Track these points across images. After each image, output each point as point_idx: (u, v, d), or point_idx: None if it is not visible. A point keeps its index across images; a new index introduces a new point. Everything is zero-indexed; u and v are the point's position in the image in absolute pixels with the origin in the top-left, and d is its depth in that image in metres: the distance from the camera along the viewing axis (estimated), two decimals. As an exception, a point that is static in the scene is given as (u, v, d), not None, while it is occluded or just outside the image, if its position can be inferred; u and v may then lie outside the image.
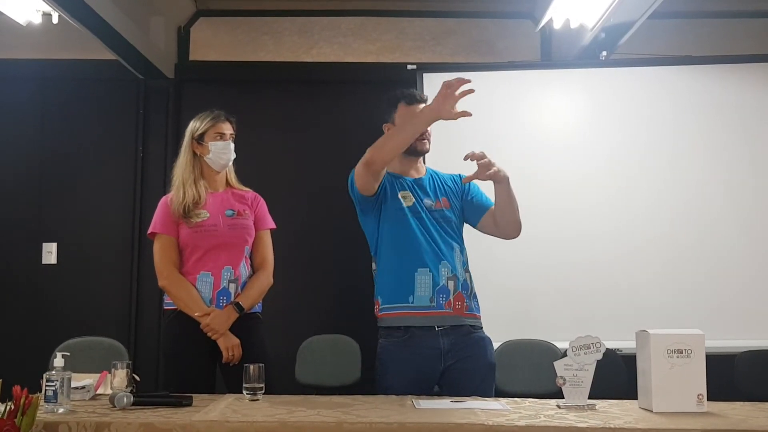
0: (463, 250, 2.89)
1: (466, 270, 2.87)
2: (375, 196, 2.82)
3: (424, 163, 3.05)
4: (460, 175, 2.97)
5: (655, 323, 2.52)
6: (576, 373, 2.40)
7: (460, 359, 2.75)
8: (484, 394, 2.65)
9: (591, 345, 2.42)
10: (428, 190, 2.89)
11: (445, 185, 2.95)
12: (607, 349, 2.45)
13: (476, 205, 2.93)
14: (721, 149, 4.23)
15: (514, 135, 4.31)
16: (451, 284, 2.77)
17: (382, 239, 2.84)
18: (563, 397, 2.40)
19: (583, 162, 4.26)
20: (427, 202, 2.84)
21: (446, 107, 2.58)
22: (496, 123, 4.32)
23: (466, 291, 2.82)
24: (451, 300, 2.77)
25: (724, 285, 4.09)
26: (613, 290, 4.11)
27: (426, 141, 2.88)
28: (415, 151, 2.87)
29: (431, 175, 2.97)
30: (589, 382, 2.40)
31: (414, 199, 2.83)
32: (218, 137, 3.01)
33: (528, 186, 4.15)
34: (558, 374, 2.42)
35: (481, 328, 2.86)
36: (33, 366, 2.92)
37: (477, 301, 2.88)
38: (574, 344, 2.43)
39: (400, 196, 2.83)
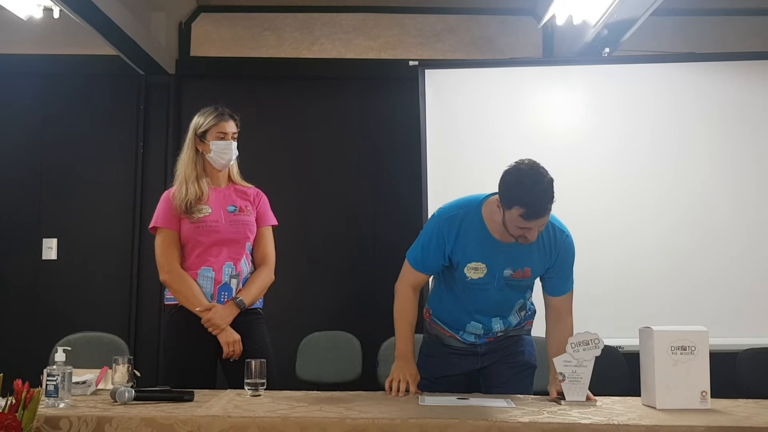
0: (527, 297, 2.77)
1: (522, 308, 2.76)
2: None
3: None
4: (566, 241, 2.67)
5: (657, 321, 2.51)
6: (575, 369, 2.40)
7: (495, 360, 2.75)
8: (518, 391, 2.61)
9: (589, 341, 2.42)
10: (516, 258, 2.61)
11: (541, 254, 2.63)
12: (609, 346, 2.44)
13: (546, 284, 2.72)
14: (724, 147, 4.21)
15: (515, 132, 4.29)
16: (500, 334, 2.75)
17: (445, 279, 2.74)
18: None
19: (586, 159, 4.24)
20: (507, 272, 2.62)
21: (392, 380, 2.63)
22: (497, 120, 4.31)
23: (518, 324, 2.78)
24: (496, 337, 2.75)
25: (727, 283, 4.07)
26: (616, 288, 4.09)
27: (526, 239, 2.50)
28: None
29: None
30: (587, 378, 2.40)
31: (486, 270, 2.60)
32: (220, 137, 2.99)
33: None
34: (557, 371, 2.42)
35: (527, 330, 2.83)
36: (34, 361, 2.93)
37: (530, 311, 2.83)
38: (572, 341, 2.43)
39: (467, 269, 2.61)
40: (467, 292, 2.67)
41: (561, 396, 2.41)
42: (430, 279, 2.86)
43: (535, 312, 2.87)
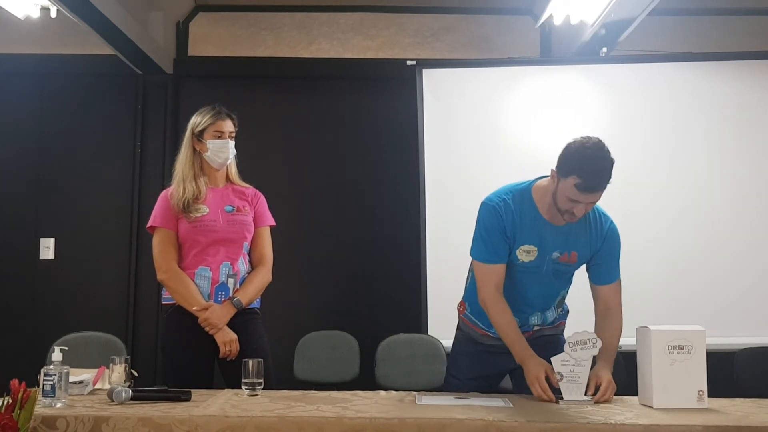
0: (568, 289, 2.76)
1: (560, 305, 2.77)
2: None
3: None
4: (611, 227, 2.67)
5: (655, 320, 2.52)
6: (573, 368, 2.41)
7: None
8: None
9: (587, 341, 2.43)
10: (565, 240, 2.62)
11: (588, 238, 2.65)
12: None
13: (593, 272, 2.72)
14: (722, 146, 4.22)
15: (513, 131, 4.30)
16: (536, 328, 2.73)
17: None
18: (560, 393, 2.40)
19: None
20: (555, 254, 2.61)
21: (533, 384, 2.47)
22: (495, 119, 4.31)
23: (553, 323, 2.77)
24: (531, 332, 2.73)
25: (724, 282, 4.08)
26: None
27: (572, 215, 2.51)
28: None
29: (580, 222, 2.62)
30: (585, 377, 2.41)
31: (537, 253, 2.61)
32: (217, 135, 2.99)
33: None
34: (555, 370, 2.42)
35: (561, 330, 2.82)
36: (31, 361, 2.91)
37: (565, 310, 2.83)
38: (570, 340, 2.43)
39: (519, 252, 2.61)
40: (513, 276, 2.64)
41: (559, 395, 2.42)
42: (467, 274, 2.83)
43: (568, 312, 2.86)
